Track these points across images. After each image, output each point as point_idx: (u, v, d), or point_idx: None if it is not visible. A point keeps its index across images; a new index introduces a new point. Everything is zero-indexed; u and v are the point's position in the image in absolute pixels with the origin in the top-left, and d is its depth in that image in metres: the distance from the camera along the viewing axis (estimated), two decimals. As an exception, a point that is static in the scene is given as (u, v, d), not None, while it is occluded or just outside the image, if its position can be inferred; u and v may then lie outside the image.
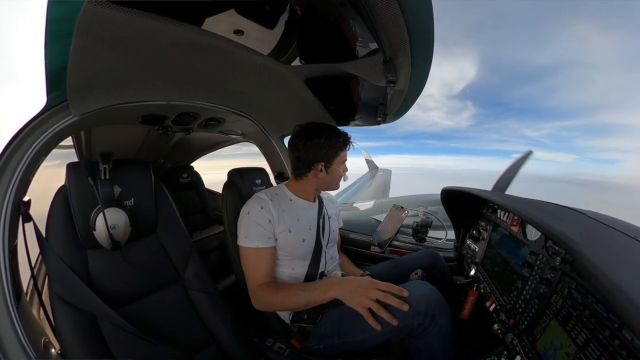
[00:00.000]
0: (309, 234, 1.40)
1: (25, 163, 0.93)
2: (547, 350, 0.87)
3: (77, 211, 1.05)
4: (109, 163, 1.07)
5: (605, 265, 0.67)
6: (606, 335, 0.69)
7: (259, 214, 1.30)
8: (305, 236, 1.38)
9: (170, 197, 1.34)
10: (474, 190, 1.56)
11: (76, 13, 0.59)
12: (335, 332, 1.28)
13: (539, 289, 0.99)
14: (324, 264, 1.43)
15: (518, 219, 1.26)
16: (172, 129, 1.52)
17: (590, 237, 0.90)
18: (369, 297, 1.06)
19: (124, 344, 1.02)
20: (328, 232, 1.49)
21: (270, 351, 1.31)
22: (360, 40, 0.81)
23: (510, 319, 1.10)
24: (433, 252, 1.61)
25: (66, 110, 0.97)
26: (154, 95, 1.12)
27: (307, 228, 1.40)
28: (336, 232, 1.58)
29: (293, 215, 1.36)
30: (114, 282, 1.10)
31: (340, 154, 1.33)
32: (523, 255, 1.16)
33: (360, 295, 1.08)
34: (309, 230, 1.40)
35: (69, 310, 0.96)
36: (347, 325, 1.25)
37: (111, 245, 1.06)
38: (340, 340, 1.26)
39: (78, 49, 0.70)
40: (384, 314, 1.03)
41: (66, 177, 1.06)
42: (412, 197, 3.64)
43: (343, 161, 1.37)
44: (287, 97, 1.38)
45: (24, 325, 0.86)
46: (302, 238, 1.36)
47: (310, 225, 1.41)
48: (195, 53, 0.90)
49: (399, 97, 1.14)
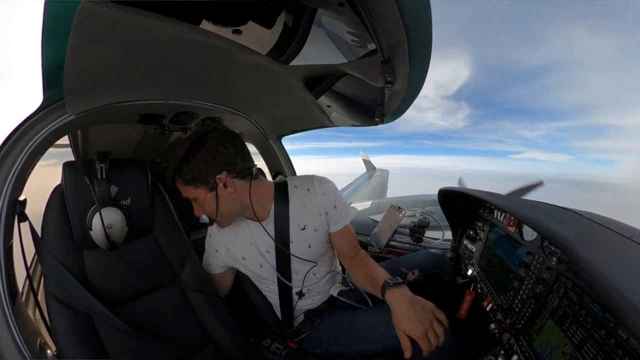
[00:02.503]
0: (266, 257, 1.26)
1: (21, 162, 0.92)
2: (544, 350, 0.87)
3: (74, 211, 1.04)
4: (106, 162, 1.07)
5: (601, 265, 0.68)
6: (602, 334, 0.70)
7: (208, 242, 1.36)
8: (261, 261, 1.26)
9: (167, 196, 1.33)
10: (471, 191, 1.56)
11: (73, 11, 0.58)
12: (333, 340, 1.27)
13: (536, 288, 0.99)
14: (299, 282, 1.30)
15: (514, 219, 1.26)
16: (170, 128, 1.51)
17: (586, 237, 0.91)
18: (424, 326, 0.90)
19: (121, 345, 1.01)
20: (301, 247, 1.25)
21: (267, 351, 1.31)
22: (359, 41, 0.81)
23: (507, 318, 1.11)
24: (438, 252, 1.62)
25: (62, 109, 0.96)
26: (152, 94, 1.12)
27: (263, 251, 1.26)
28: (318, 244, 1.27)
29: (245, 239, 1.26)
30: (111, 283, 1.10)
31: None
32: (519, 255, 1.17)
33: (417, 326, 0.91)
34: (266, 254, 1.26)
35: (65, 311, 0.95)
36: (345, 335, 1.25)
37: (108, 245, 1.06)
38: (338, 349, 1.26)
39: (75, 47, 0.69)
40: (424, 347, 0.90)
41: (62, 177, 1.05)
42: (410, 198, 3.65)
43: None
44: (285, 97, 1.38)
45: (19, 326, 0.86)
46: (258, 264, 1.27)
47: (265, 248, 1.26)
48: (193, 52, 0.89)
49: (396, 98, 1.14)
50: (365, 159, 12.55)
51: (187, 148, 1.06)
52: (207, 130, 1.09)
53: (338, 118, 1.66)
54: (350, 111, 1.56)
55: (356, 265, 1.28)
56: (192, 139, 1.07)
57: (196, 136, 1.08)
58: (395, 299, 0.98)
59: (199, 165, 1.05)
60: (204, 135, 1.07)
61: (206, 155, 1.05)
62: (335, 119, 1.65)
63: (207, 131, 1.09)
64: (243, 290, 1.43)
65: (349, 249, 1.32)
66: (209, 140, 1.06)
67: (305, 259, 1.24)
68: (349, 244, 1.32)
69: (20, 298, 0.99)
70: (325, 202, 1.25)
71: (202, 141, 1.06)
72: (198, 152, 1.05)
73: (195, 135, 1.08)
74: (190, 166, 1.06)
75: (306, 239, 1.25)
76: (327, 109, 1.52)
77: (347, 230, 1.31)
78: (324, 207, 1.25)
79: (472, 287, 1.49)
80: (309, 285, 1.32)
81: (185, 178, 1.08)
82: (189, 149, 1.06)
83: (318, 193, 1.25)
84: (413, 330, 0.90)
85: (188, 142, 1.07)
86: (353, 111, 1.56)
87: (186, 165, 1.06)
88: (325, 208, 1.25)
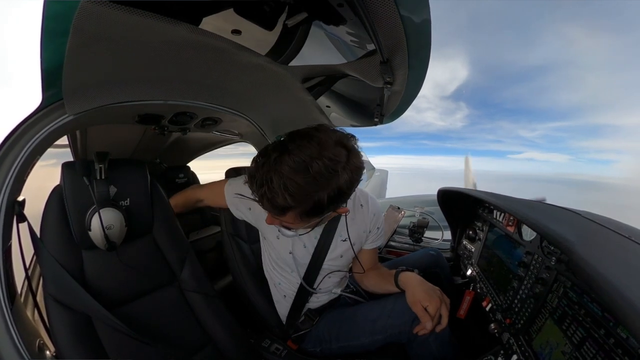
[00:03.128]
0: (300, 251, 1.26)
1: (19, 162, 0.92)
2: (543, 349, 0.88)
3: (72, 211, 1.04)
4: (105, 163, 1.06)
5: (600, 264, 0.68)
6: (601, 334, 0.70)
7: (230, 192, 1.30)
8: (292, 250, 1.25)
9: (166, 197, 1.33)
10: (470, 191, 1.57)
11: (73, 11, 0.58)
12: (334, 336, 1.27)
13: (535, 288, 1.00)
14: (317, 283, 1.30)
15: (514, 219, 1.27)
16: (169, 128, 1.51)
17: (585, 237, 0.91)
18: (436, 304, 1.01)
19: (120, 346, 1.01)
20: (334, 255, 1.25)
21: (267, 352, 1.31)
22: (358, 41, 0.81)
23: (507, 318, 1.11)
24: (435, 252, 1.62)
25: (62, 109, 0.96)
26: (151, 94, 1.11)
27: (301, 245, 1.25)
28: (349, 256, 1.27)
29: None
30: (110, 283, 1.09)
31: None
32: (519, 255, 1.17)
33: (434, 297, 1.02)
34: (302, 248, 1.25)
35: (63, 312, 0.95)
36: (346, 329, 1.25)
37: (107, 246, 1.05)
38: (339, 345, 1.26)
39: (74, 47, 0.69)
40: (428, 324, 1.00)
41: (61, 177, 1.05)
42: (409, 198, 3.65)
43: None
44: (285, 98, 1.38)
45: (18, 327, 0.85)
46: (288, 250, 1.25)
47: (304, 243, 1.25)
48: (193, 52, 0.89)
49: (396, 98, 1.14)
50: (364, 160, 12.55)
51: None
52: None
53: (337, 118, 1.66)
54: (349, 111, 1.57)
55: (370, 272, 1.34)
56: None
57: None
58: (410, 278, 1.13)
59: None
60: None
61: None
62: (334, 119, 1.66)
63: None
64: (242, 290, 1.43)
65: (373, 262, 1.38)
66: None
67: (333, 267, 1.27)
68: (375, 257, 1.39)
69: (19, 299, 0.99)
70: (374, 222, 1.26)
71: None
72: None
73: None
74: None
75: (342, 250, 1.25)
76: (326, 109, 1.52)
77: (377, 248, 1.38)
78: (370, 226, 1.26)
79: (472, 287, 1.50)
80: (323, 286, 1.32)
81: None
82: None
83: (370, 212, 1.25)
84: (430, 300, 1.01)
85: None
86: (352, 111, 1.56)
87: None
88: (371, 227, 1.26)
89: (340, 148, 0.85)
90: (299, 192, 0.80)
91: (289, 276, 1.29)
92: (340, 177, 0.83)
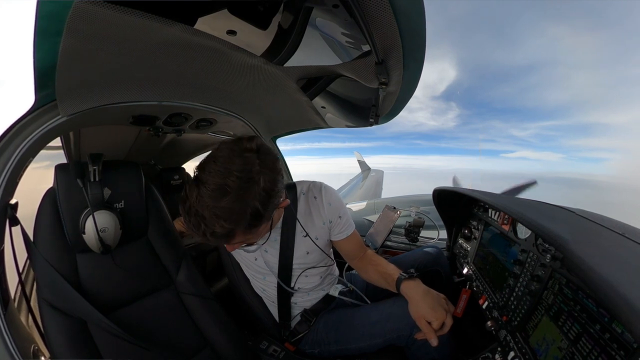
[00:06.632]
0: (264, 256, 1.27)
1: (12, 164, 0.90)
2: (540, 346, 0.88)
3: (66, 214, 1.02)
4: (99, 164, 1.06)
5: (594, 261, 0.69)
6: (597, 329, 0.71)
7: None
8: (257, 256, 1.27)
9: (161, 199, 1.32)
10: (465, 190, 1.58)
11: (66, 10, 0.58)
12: (332, 339, 1.27)
13: (531, 286, 1.00)
14: (293, 282, 1.30)
15: (509, 217, 1.28)
16: (163, 130, 1.50)
17: (579, 234, 0.92)
18: (440, 318, 0.96)
19: (116, 350, 1.00)
20: (299, 253, 1.26)
21: (265, 354, 1.30)
22: (353, 42, 0.82)
23: (503, 315, 1.12)
24: (435, 249, 1.63)
25: (55, 110, 0.94)
26: (145, 95, 1.10)
27: (262, 250, 1.25)
28: (316, 252, 1.26)
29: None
30: (105, 287, 1.08)
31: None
32: (514, 253, 1.18)
33: (438, 311, 0.96)
34: (264, 253, 1.27)
35: (58, 317, 0.94)
36: (344, 332, 1.25)
37: (101, 249, 1.04)
38: (337, 347, 1.26)
39: (68, 47, 0.68)
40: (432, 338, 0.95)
41: (54, 179, 1.04)
42: (404, 198, 3.67)
43: None
44: (280, 98, 1.38)
45: (12, 333, 0.84)
46: (254, 257, 1.27)
47: (265, 248, 1.25)
48: (187, 53, 0.89)
49: (391, 99, 1.15)
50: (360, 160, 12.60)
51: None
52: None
53: (332, 119, 1.66)
54: (344, 112, 1.57)
55: (366, 264, 1.29)
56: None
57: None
58: (412, 289, 1.03)
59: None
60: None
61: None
62: (329, 120, 1.66)
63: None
64: (239, 293, 1.42)
65: (356, 251, 1.34)
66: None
67: (302, 265, 1.27)
68: (356, 246, 1.34)
69: (13, 304, 0.97)
70: (331, 212, 1.25)
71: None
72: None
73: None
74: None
75: (307, 246, 1.25)
76: (321, 110, 1.52)
77: (353, 235, 1.32)
78: (329, 217, 1.25)
79: (468, 285, 1.50)
80: (301, 285, 1.32)
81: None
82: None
83: (325, 202, 1.24)
84: (435, 315, 0.94)
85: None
86: (347, 112, 1.56)
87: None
88: (330, 217, 1.25)
89: (247, 154, 0.86)
90: (230, 214, 0.81)
91: (266, 281, 1.31)
92: (260, 181, 0.84)
